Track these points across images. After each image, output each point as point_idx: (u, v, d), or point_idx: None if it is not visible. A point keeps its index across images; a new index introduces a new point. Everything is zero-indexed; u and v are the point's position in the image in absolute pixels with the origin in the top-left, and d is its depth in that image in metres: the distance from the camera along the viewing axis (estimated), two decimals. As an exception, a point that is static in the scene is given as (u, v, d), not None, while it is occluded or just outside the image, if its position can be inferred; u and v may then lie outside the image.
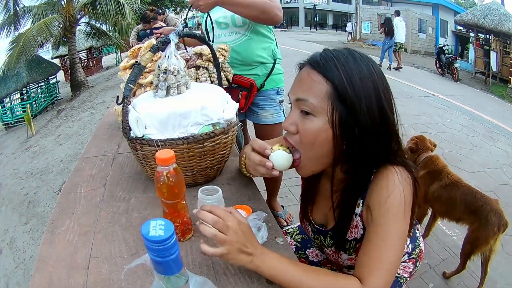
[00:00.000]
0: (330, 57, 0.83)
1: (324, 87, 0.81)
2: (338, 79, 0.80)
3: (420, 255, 1.28)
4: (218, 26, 2.04)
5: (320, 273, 0.81)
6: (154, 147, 1.13)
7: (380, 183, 0.84)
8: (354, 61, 0.82)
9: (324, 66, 0.82)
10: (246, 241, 0.79)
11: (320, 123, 0.82)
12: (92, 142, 1.82)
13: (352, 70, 0.80)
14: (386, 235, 0.80)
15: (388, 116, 0.84)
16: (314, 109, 0.82)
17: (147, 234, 0.55)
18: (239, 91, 2.07)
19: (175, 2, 24.88)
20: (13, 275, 3.95)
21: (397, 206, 0.81)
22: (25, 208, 5.30)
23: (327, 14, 33.36)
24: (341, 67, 0.80)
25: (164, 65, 1.23)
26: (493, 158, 4.78)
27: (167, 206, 0.93)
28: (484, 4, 12.22)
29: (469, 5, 18.88)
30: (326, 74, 0.81)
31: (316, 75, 0.82)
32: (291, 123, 0.87)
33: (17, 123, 12.91)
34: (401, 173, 0.84)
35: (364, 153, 0.84)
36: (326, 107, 0.81)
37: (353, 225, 0.94)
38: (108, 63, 21.31)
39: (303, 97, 0.84)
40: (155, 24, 4.98)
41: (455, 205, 2.27)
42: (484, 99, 8.87)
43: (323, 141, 0.84)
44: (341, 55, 0.83)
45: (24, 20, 13.30)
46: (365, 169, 0.88)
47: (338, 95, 0.80)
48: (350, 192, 0.91)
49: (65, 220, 1.12)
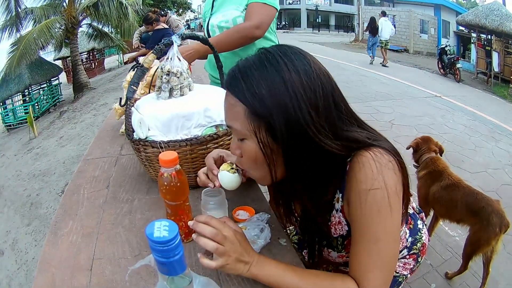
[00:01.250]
0: (235, 75, 0.78)
1: (241, 108, 0.76)
2: (244, 97, 0.75)
3: (423, 249, 1.20)
4: (220, 30, 2.03)
5: (317, 276, 0.80)
6: (158, 148, 1.14)
7: (357, 175, 0.76)
8: (260, 68, 0.75)
9: (232, 87, 0.78)
10: (243, 250, 0.79)
11: (253, 144, 0.79)
12: (95, 144, 1.83)
13: (257, 80, 0.74)
14: (373, 236, 0.76)
15: (320, 108, 0.75)
16: (241, 133, 0.79)
17: (151, 235, 0.55)
18: None
19: (177, 3, 24.95)
20: (15, 276, 3.95)
21: (379, 200, 0.74)
22: (27, 210, 5.31)
23: (329, 15, 33.34)
24: (245, 82, 0.75)
25: (167, 67, 1.23)
26: (495, 158, 4.78)
27: (170, 207, 0.93)
28: (485, 4, 12.21)
29: (471, 5, 18.86)
30: (236, 95, 0.76)
31: (232, 97, 0.78)
32: (235, 148, 0.85)
33: (19, 125, 12.90)
34: (379, 159, 0.75)
35: (306, 160, 0.78)
36: (250, 128, 0.77)
37: (335, 221, 0.90)
38: (110, 64, 21.32)
39: (229, 124, 0.82)
40: (157, 25, 5.00)
41: (456, 206, 2.27)
42: (486, 100, 8.84)
43: (263, 160, 0.80)
44: (247, 65, 0.77)
45: (25, 22, 13.31)
46: (321, 171, 0.81)
47: (253, 112, 0.75)
48: (314, 199, 0.87)
49: (68, 222, 1.12)
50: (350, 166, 0.79)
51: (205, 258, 0.78)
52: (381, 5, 20.27)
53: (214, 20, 2.02)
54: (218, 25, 2.01)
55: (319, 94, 0.75)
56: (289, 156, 0.78)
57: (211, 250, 0.76)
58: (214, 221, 0.79)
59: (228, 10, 1.97)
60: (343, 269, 1.17)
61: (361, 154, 0.77)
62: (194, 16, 45.00)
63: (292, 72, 0.74)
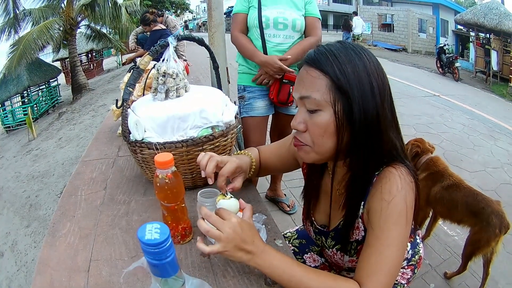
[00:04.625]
0: (323, 52, 0.84)
1: (323, 81, 0.82)
2: (332, 71, 0.81)
3: (419, 262, 1.26)
4: (275, 25, 2.16)
5: (320, 274, 0.81)
6: (154, 150, 1.14)
7: (383, 187, 0.83)
8: (346, 52, 0.83)
9: (319, 61, 0.84)
10: (247, 238, 0.80)
11: (327, 116, 0.83)
12: (93, 145, 1.83)
13: (343, 60, 0.82)
14: (388, 240, 0.80)
15: (381, 105, 0.83)
16: (318, 103, 0.83)
17: (143, 237, 0.55)
18: (289, 86, 2.23)
19: (175, 4, 24.93)
20: (15, 278, 3.95)
21: (399, 211, 0.81)
22: (26, 211, 5.31)
23: (328, 14, 33.29)
24: (333, 59, 0.82)
25: (163, 68, 1.23)
26: (494, 157, 4.77)
27: (166, 209, 0.93)
28: (484, 3, 12.18)
29: (469, 4, 18.84)
30: (323, 68, 0.82)
31: (314, 71, 0.84)
32: (299, 122, 0.88)
33: (18, 126, 12.92)
34: (404, 177, 0.83)
35: (365, 148, 0.84)
36: (329, 100, 0.82)
37: (355, 226, 0.94)
38: (109, 65, 21.32)
39: (306, 94, 0.85)
40: (155, 26, 4.98)
41: (457, 207, 2.26)
42: (485, 98, 8.85)
43: (332, 133, 0.84)
44: (334, 47, 0.85)
45: (24, 23, 13.29)
46: (367, 166, 0.87)
47: (336, 86, 0.81)
48: (354, 190, 0.91)
49: (66, 223, 1.12)
50: (377, 178, 0.87)
51: (201, 243, 0.80)
52: (380, 5, 20.27)
53: (268, 13, 2.15)
54: (275, 20, 2.15)
55: (388, 87, 0.86)
56: (355, 135, 0.83)
57: (203, 232, 0.80)
58: (221, 210, 0.83)
59: (286, 9, 2.16)
60: (345, 274, 1.20)
61: (389, 170, 0.85)
62: (193, 17, 45.00)
63: (371, 62, 0.84)
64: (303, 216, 1.18)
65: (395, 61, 13.26)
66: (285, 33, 2.18)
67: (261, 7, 2.15)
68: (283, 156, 1.21)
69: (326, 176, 1.06)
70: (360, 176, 0.89)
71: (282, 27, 2.16)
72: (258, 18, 2.15)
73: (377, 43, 17.68)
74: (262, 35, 2.19)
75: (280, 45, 2.20)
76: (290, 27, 2.16)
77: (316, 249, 1.36)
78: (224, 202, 0.91)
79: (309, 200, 1.13)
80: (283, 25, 2.15)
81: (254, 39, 2.24)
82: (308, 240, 1.38)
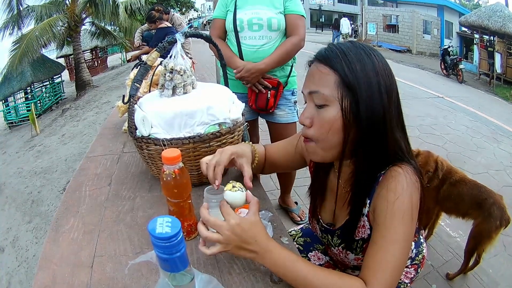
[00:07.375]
0: (334, 50, 0.86)
1: (333, 77, 0.84)
2: (341, 68, 0.83)
3: (423, 261, 1.27)
4: (249, 27, 2.08)
5: (325, 272, 0.81)
6: (160, 146, 1.13)
7: (388, 186, 0.84)
8: (356, 51, 0.85)
9: (329, 58, 0.85)
10: (247, 238, 0.80)
11: (334, 111, 0.84)
12: (97, 141, 1.83)
13: (353, 58, 0.84)
14: (393, 238, 0.81)
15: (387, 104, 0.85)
16: (326, 99, 0.84)
17: (153, 230, 0.55)
18: (267, 91, 2.15)
19: (180, 2, 24.91)
20: (15, 273, 3.96)
21: (404, 210, 0.82)
22: (28, 207, 5.31)
23: (333, 15, 33.28)
24: (343, 57, 0.84)
25: (171, 64, 1.23)
26: (497, 159, 4.77)
27: (172, 205, 0.93)
28: (488, 5, 12.20)
29: (474, 6, 18.81)
30: (333, 65, 0.84)
31: (324, 67, 0.86)
32: (306, 117, 0.89)
33: (21, 122, 12.91)
34: (409, 177, 0.84)
35: (370, 146, 0.85)
36: (337, 96, 0.83)
37: (360, 224, 0.95)
38: (113, 62, 21.33)
39: (315, 89, 0.86)
40: (160, 24, 4.97)
41: (463, 200, 2.32)
42: (488, 101, 8.84)
43: (338, 129, 0.85)
44: (344, 46, 0.87)
45: (27, 20, 13.28)
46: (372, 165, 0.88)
47: (344, 83, 0.83)
48: (359, 188, 0.91)
49: (69, 219, 1.12)
50: (383, 177, 0.87)
51: (203, 246, 0.83)
52: (384, 5, 20.25)
53: (243, 15, 2.07)
54: (249, 21, 2.06)
55: (395, 88, 0.87)
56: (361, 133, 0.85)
57: (202, 237, 0.81)
58: (223, 208, 0.83)
59: (261, 8, 2.06)
60: (350, 272, 1.19)
61: (395, 169, 0.86)
62: (198, 15, 44.99)
63: (380, 62, 0.85)
64: (309, 214, 1.19)
65: (400, 62, 13.24)
66: (261, 33, 2.08)
67: (236, 10, 2.09)
68: (289, 153, 1.22)
69: (332, 175, 1.07)
70: (365, 174, 0.89)
71: (257, 28, 2.07)
72: (233, 21, 2.09)
73: (382, 44, 17.64)
74: (237, 39, 2.12)
75: (256, 47, 2.11)
76: (266, 26, 2.06)
77: (320, 248, 1.36)
78: (230, 194, 0.89)
79: (315, 198, 1.13)
80: (258, 25, 2.06)
81: (231, 44, 2.18)
82: (312, 238, 1.38)
